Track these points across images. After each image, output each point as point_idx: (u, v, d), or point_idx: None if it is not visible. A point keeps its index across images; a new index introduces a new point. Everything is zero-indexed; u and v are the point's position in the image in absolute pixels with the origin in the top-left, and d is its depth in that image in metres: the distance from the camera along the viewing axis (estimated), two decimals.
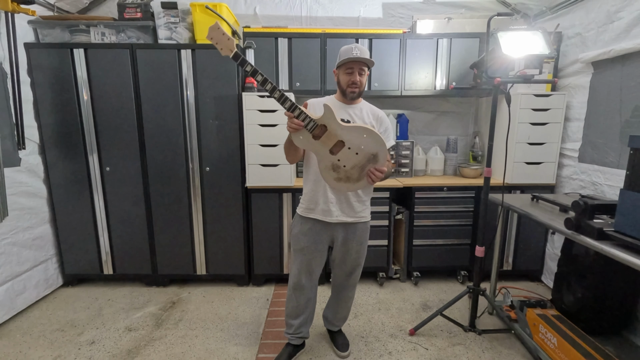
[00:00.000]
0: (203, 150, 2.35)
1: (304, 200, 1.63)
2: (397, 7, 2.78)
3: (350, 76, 1.50)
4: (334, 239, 1.62)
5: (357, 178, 1.42)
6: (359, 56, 1.45)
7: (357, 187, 1.45)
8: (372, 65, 1.52)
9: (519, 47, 1.69)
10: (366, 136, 1.39)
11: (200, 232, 2.45)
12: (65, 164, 2.33)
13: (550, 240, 2.50)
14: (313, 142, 1.39)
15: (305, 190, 1.62)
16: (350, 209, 1.57)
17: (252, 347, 1.87)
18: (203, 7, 2.21)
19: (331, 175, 1.42)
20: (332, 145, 1.39)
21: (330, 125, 1.38)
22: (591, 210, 1.41)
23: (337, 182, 1.43)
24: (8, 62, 2.03)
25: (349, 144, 1.39)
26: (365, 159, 1.40)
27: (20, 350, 1.84)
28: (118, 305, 2.29)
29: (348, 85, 1.52)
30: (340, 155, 1.39)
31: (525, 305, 1.97)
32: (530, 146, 2.39)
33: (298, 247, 1.63)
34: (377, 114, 1.62)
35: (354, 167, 1.41)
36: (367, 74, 1.56)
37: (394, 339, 1.94)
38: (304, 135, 1.39)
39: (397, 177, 2.69)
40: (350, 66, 1.49)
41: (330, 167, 1.41)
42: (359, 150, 1.39)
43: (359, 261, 1.69)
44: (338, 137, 1.38)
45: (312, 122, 1.36)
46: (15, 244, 2.10)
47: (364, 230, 1.65)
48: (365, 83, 1.56)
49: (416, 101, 2.94)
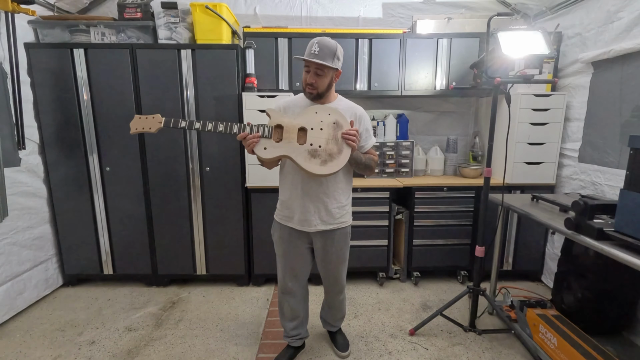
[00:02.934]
0: (203, 150, 2.35)
1: (281, 208, 1.56)
2: (397, 7, 2.78)
3: (306, 75, 1.39)
4: (314, 244, 1.58)
5: (339, 150, 1.36)
6: (314, 57, 1.32)
7: (344, 160, 1.36)
8: (331, 69, 1.38)
9: (519, 47, 1.69)
10: (317, 112, 1.38)
11: (200, 232, 2.45)
12: (65, 164, 2.33)
13: (550, 240, 2.50)
14: (279, 145, 1.36)
15: (282, 198, 1.56)
16: (330, 216, 1.50)
17: (252, 347, 1.87)
18: (203, 7, 2.21)
19: (315, 163, 1.35)
20: (297, 136, 1.36)
21: (283, 122, 1.37)
22: (591, 210, 1.40)
23: (324, 166, 1.35)
24: (8, 62, 2.03)
25: (309, 124, 1.37)
26: (331, 129, 1.37)
27: (20, 350, 1.83)
28: (118, 305, 2.29)
29: (306, 85, 1.41)
30: (310, 139, 1.36)
31: (525, 305, 1.97)
32: (530, 146, 2.39)
33: (280, 252, 1.60)
34: (354, 111, 1.50)
35: (328, 142, 1.36)
36: (335, 74, 1.41)
37: (394, 339, 1.94)
38: (266, 144, 1.36)
39: (397, 177, 2.69)
40: (307, 63, 1.37)
41: (308, 156, 1.35)
42: (320, 125, 1.37)
43: (339, 267, 1.64)
44: (296, 125, 1.37)
45: (266, 127, 1.36)
46: (15, 244, 2.10)
47: (344, 236, 1.59)
48: (326, 84, 1.41)
49: (416, 101, 2.94)
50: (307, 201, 1.47)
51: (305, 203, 1.47)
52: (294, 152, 1.35)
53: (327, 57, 1.35)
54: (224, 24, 2.27)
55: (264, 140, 1.35)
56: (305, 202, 1.47)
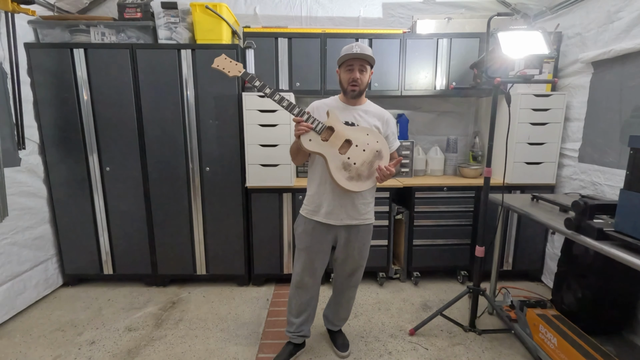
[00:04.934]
0: (203, 150, 2.35)
1: (308, 202, 1.62)
2: (397, 7, 2.78)
3: (351, 73, 1.49)
4: (337, 239, 1.62)
5: (367, 175, 1.47)
6: (359, 52, 1.44)
7: (366, 186, 1.48)
8: (373, 62, 1.51)
9: (519, 47, 1.69)
10: (369, 135, 1.48)
11: (200, 232, 2.45)
12: (65, 164, 2.33)
13: (550, 240, 2.50)
14: (322, 143, 1.44)
15: (310, 192, 1.61)
16: (355, 211, 1.56)
17: (252, 347, 1.87)
18: (203, 7, 2.21)
19: (343, 175, 1.45)
20: (340, 144, 1.45)
21: (337, 127, 1.46)
22: (591, 210, 1.40)
23: (349, 182, 1.45)
24: (8, 62, 2.03)
25: (356, 141, 1.46)
26: (372, 155, 1.47)
27: (20, 350, 1.83)
28: (118, 305, 2.29)
29: (348, 83, 1.51)
30: (349, 154, 1.45)
31: (525, 305, 1.97)
32: (530, 146, 2.39)
33: (302, 246, 1.63)
34: (383, 115, 1.61)
35: (363, 164, 1.45)
36: (370, 72, 1.54)
37: (394, 339, 1.94)
38: (312, 137, 1.44)
39: (397, 177, 2.69)
40: (350, 63, 1.48)
41: (341, 167, 1.44)
42: (365, 147, 1.46)
43: (360, 262, 1.68)
44: (345, 136, 1.46)
45: (320, 124, 1.44)
46: (15, 244, 2.10)
47: (367, 232, 1.64)
48: (367, 81, 1.54)
49: (416, 101, 2.94)
50: (335, 195, 1.53)
51: (334, 197, 1.54)
52: (332, 156, 1.45)
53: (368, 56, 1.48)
54: (224, 24, 2.27)
55: (313, 133, 1.44)
56: (334, 196, 1.53)
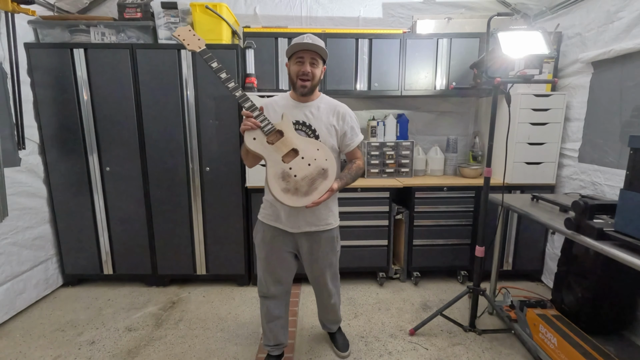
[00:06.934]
0: (203, 150, 2.34)
1: (265, 207, 1.53)
2: (397, 7, 2.78)
3: (301, 66, 1.37)
4: (299, 247, 1.54)
5: (305, 192, 1.33)
6: (310, 42, 1.33)
7: (300, 203, 1.33)
8: (325, 56, 1.40)
9: (519, 47, 1.69)
10: (319, 150, 1.37)
11: (200, 232, 2.45)
12: (65, 164, 2.33)
13: (550, 240, 2.50)
14: (267, 145, 1.34)
15: (268, 197, 1.51)
16: (314, 217, 1.47)
17: (252, 347, 1.87)
18: (203, 7, 2.21)
19: (279, 184, 1.32)
20: (286, 152, 1.34)
21: (287, 132, 1.36)
22: (591, 210, 1.40)
23: (284, 194, 1.32)
24: (8, 62, 2.03)
25: (302, 153, 1.35)
26: (317, 171, 1.35)
27: (20, 350, 1.84)
28: (118, 305, 2.29)
29: (298, 77, 1.38)
30: (293, 164, 1.33)
31: (525, 305, 1.97)
32: (530, 146, 2.39)
33: (262, 256, 1.55)
34: (337, 110, 1.48)
35: (304, 179, 1.33)
36: (322, 68, 1.42)
37: (394, 339, 1.94)
38: (257, 136, 1.34)
39: (397, 177, 2.69)
40: (300, 55, 1.37)
41: (280, 175, 1.33)
42: (311, 161, 1.35)
43: (329, 270, 1.60)
44: (293, 145, 1.35)
45: (270, 125, 1.34)
46: (15, 244, 2.10)
47: (330, 239, 1.55)
48: (319, 76, 1.42)
49: (416, 101, 2.94)
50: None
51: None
52: (273, 162, 1.33)
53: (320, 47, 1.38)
54: (224, 24, 2.27)
55: (259, 132, 1.34)
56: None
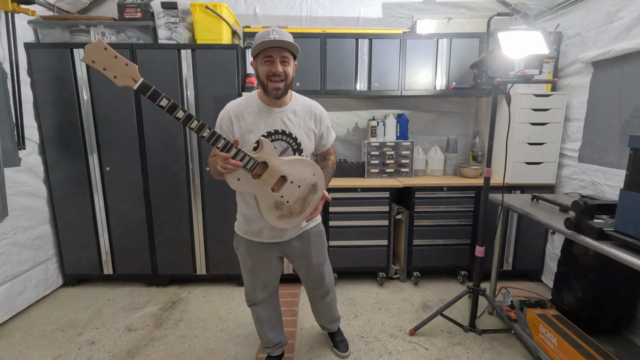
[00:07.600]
0: (203, 150, 2.34)
1: (244, 222, 1.42)
2: (397, 7, 2.78)
3: (270, 66, 1.21)
4: (287, 254, 1.51)
5: (300, 211, 1.32)
6: (278, 39, 1.16)
7: (299, 221, 1.33)
8: (297, 52, 1.25)
9: (519, 47, 1.69)
10: (306, 167, 1.29)
11: (200, 232, 2.45)
12: (65, 164, 2.33)
13: (550, 240, 2.50)
14: (253, 182, 1.22)
15: (244, 212, 1.40)
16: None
17: (252, 347, 1.87)
18: (203, 7, 2.21)
19: (274, 214, 1.28)
20: (274, 182, 1.24)
21: (271, 162, 1.21)
22: (591, 210, 1.40)
23: (280, 220, 1.30)
24: (8, 62, 2.03)
25: (291, 177, 1.26)
26: (307, 190, 1.31)
27: (20, 350, 1.84)
28: (118, 305, 2.29)
29: (268, 78, 1.22)
30: (283, 192, 1.26)
31: (525, 305, 1.96)
32: (530, 146, 2.39)
33: (247, 267, 1.49)
34: (313, 112, 1.38)
35: (296, 201, 1.30)
36: (293, 65, 1.27)
37: (394, 339, 1.94)
38: (241, 176, 1.20)
39: (397, 177, 2.69)
40: (268, 54, 1.20)
41: (273, 206, 1.27)
42: (301, 182, 1.28)
43: (322, 268, 1.58)
44: (280, 172, 1.24)
45: (252, 160, 1.18)
46: (15, 244, 2.10)
47: (318, 235, 1.53)
48: (292, 75, 1.27)
49: (416, 101, 2.94)
50: None
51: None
52: (263, 196, 1.26)
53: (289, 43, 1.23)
54: (224, 24, 2.27)
55: (242, 172, 1.19)
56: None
